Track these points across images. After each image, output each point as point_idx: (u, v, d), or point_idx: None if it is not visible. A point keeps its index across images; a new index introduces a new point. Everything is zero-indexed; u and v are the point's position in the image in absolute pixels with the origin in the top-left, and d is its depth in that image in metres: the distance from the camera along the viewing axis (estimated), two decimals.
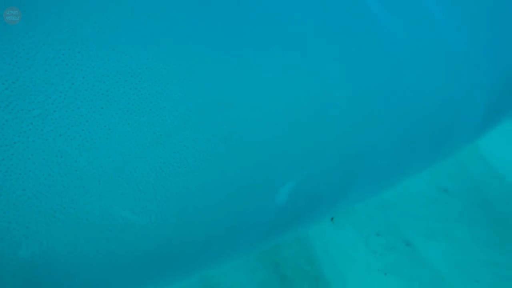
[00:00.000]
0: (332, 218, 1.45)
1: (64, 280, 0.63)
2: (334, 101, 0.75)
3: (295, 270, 1.35)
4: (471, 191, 1.64)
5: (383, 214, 1.59)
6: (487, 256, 1.49)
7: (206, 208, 0.68)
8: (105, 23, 0.62)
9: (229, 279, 1.32)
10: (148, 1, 0.65)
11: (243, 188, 0.70)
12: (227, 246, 0.77)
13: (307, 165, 0.76)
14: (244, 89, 0.68)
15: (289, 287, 1.32)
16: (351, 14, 0.78)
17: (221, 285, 1.31)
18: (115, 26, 0.62)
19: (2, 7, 0.63)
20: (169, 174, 0.64)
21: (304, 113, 0.72)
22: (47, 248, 0.59)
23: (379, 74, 0.79)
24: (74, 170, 0.59)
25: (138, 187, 0.62)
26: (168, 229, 0.66)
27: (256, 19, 0.70)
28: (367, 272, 1.44)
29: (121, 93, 0.61)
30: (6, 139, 0.56)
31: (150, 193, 0.63)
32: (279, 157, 0.72)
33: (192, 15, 0.67)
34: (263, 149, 0.70)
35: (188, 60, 0.65)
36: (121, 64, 0.61)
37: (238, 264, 1.33)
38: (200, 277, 1.29)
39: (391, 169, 0.93)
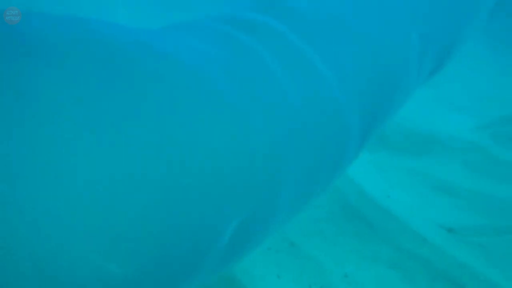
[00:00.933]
0: None
1: None
2: (258, 146, 0.86)
3: None
4: (334, 196, 2.05)
5: None
6: (351, 246, 1.88)
7: (154, 248, 0.70)
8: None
9: None
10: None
11: (189, 231, 0.74)
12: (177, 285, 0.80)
13: (246, 204, 0.83)
14: (180, 133, 0.73)
15: None
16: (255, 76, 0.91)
17: None
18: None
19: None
20: (125, 217, 0.65)
21: (236, 159, 0.80)
22: None
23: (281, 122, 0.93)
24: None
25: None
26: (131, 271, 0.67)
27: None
28: (267, 271, 1.67)
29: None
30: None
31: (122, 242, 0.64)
32: (223, 197, 0.77)
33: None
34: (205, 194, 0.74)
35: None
36: None
37: None
38: None
39: (301, 198, 1.08)
